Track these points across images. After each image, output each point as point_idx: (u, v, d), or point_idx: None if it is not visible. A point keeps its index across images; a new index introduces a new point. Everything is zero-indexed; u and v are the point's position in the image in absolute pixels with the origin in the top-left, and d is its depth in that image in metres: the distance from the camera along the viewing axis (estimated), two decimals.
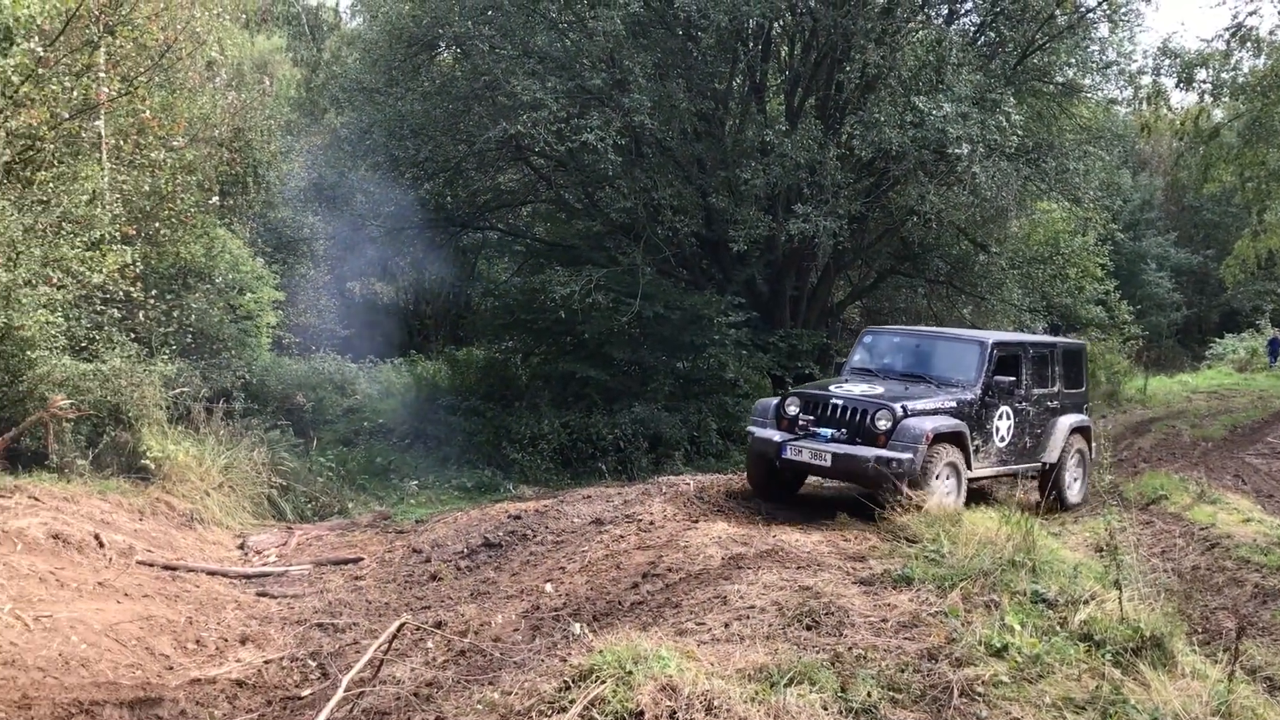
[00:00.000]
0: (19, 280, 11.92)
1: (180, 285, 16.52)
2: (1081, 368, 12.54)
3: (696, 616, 7.26)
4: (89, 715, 6.96)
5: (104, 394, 12.88)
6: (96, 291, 13.57)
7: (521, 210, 23.64)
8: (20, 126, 13.51)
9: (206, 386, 15.46)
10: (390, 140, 19.37)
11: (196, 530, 12.47)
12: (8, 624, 8.07)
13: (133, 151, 15.47)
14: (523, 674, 6.35)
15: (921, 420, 10.10)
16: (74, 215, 13.28)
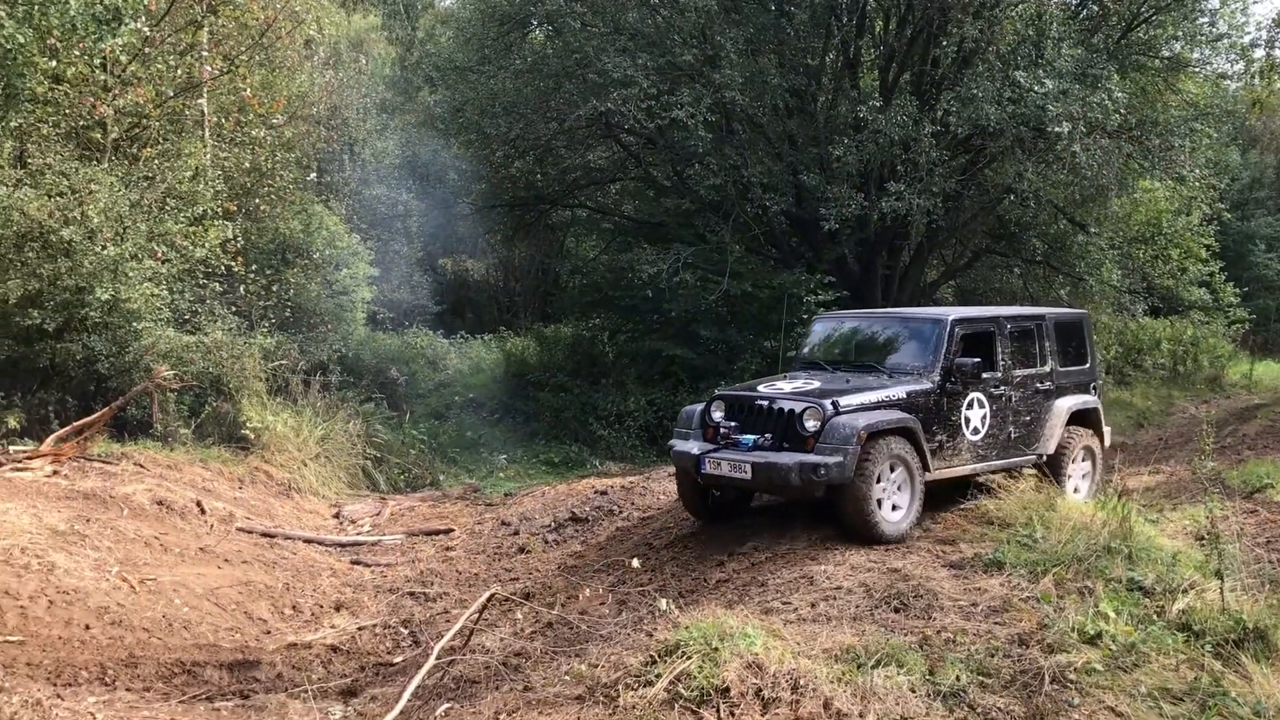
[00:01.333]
0: (126, 254, 12.33)
1: (279, 260, 16.92)
2: (1084, 340, 10.64)
3: (783, 596, 7.24)
4: (190, 675, 7.21)
5: (206, 365, 13.28)
6: (199, 266, 13.97)
7: (610, 188, 23.67)
8: (128, 104, 13.96)
9: (304, 359, 15.82)
10: (482, 118, 19.53)
11: (294, 499, 12.80)
12: (115, 586, 8.39)
13: (234, 129, 15.88)
14: (609, 647, 6.41)
15: (855, 417, 8.44)
16: (178, 191, 13.69)
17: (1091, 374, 10.68)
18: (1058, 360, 10.13)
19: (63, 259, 12.06)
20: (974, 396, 9.33)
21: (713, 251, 18.88)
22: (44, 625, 7.39)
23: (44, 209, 11.98)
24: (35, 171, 12.58)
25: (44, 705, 6.20)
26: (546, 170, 21.25)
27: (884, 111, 16.97)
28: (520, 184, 21.42)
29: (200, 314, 14.36)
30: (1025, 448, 9.82)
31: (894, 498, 8.55)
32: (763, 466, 8.52)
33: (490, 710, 5.64)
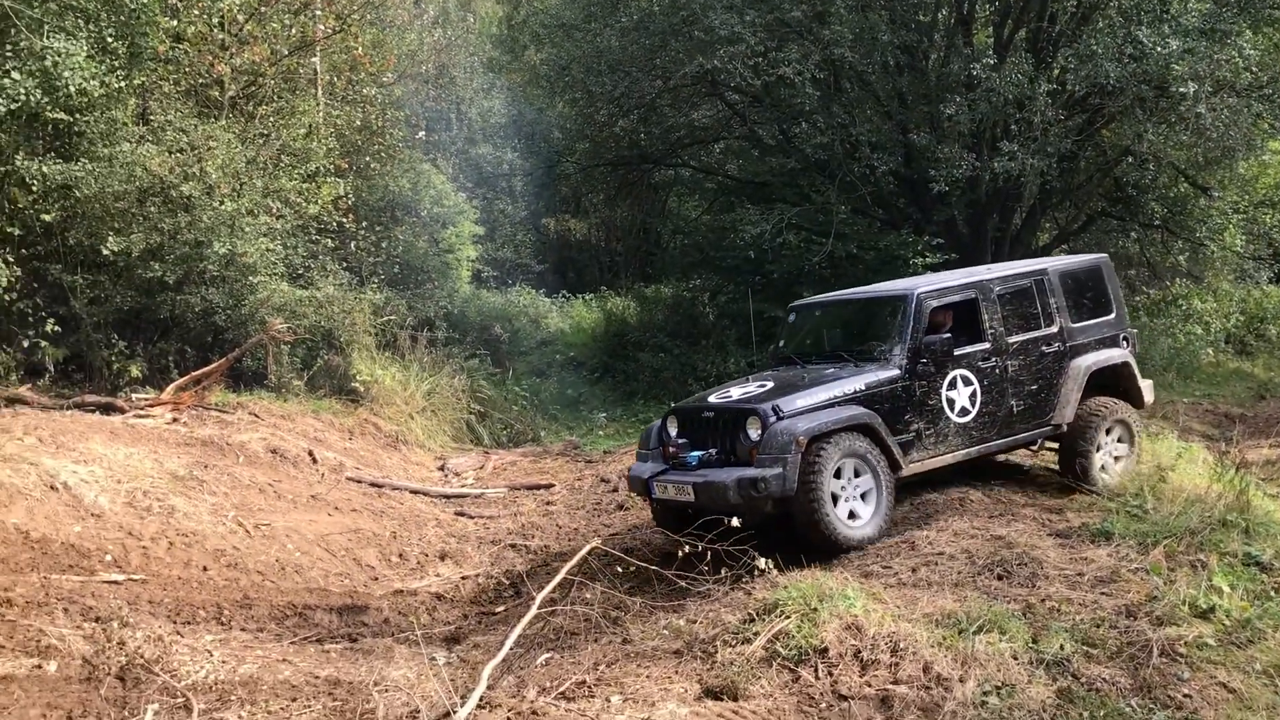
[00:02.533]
0: (243, 209, 12.69)
1: (388, 218, 17.25)
2: (1105, 289, 9.42)
3: (883, 560, 7.20)
4: (301, 617, 7.47)
5: (318, 319, 13.63)
6: (312, 222, 14.32)
7: (714, 147, 23.49)
8: (244, 63, 14.32)
9: (411, 315, 16.14)
10: (588, 76, 19.54)
11: (400, 451, 13.11)
12: (231, 530, 8.72)
13: (345, 87, 16.18)
14: (707, 604, 6.46)
15: (795, 422, 7.54)
16: (292, 148, 14.02)
17: (1119, 324, 9.44)
18: (1069, 316, 9.02)
19: (182, 213, 12.46)
20: (956, 374, 8.34)
21: (817, 212, 18.64)
22: (164, 565, 7.73)
23: (165, 165, 12.38)
24: (157, 128, 13.00)
25: (165, 641, 6.51)
26: (650, 129, 21.18)
27: (998, 69, 16.48)
28: (624, 143, 21.40)
29: (313, 269, 14.72)
30: (1035, 420, 8.79)
31: (854, 503, 7.69)
32: (703, 486, 7.63)
33: (589, 661, 5.74)
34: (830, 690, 5.03)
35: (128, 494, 8.63)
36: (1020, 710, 4.86)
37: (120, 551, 7.62)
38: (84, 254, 12.60)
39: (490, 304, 21.17)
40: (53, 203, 12.26)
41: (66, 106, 11.82)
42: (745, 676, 5.09)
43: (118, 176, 12.11)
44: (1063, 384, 8.88)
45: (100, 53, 11.97)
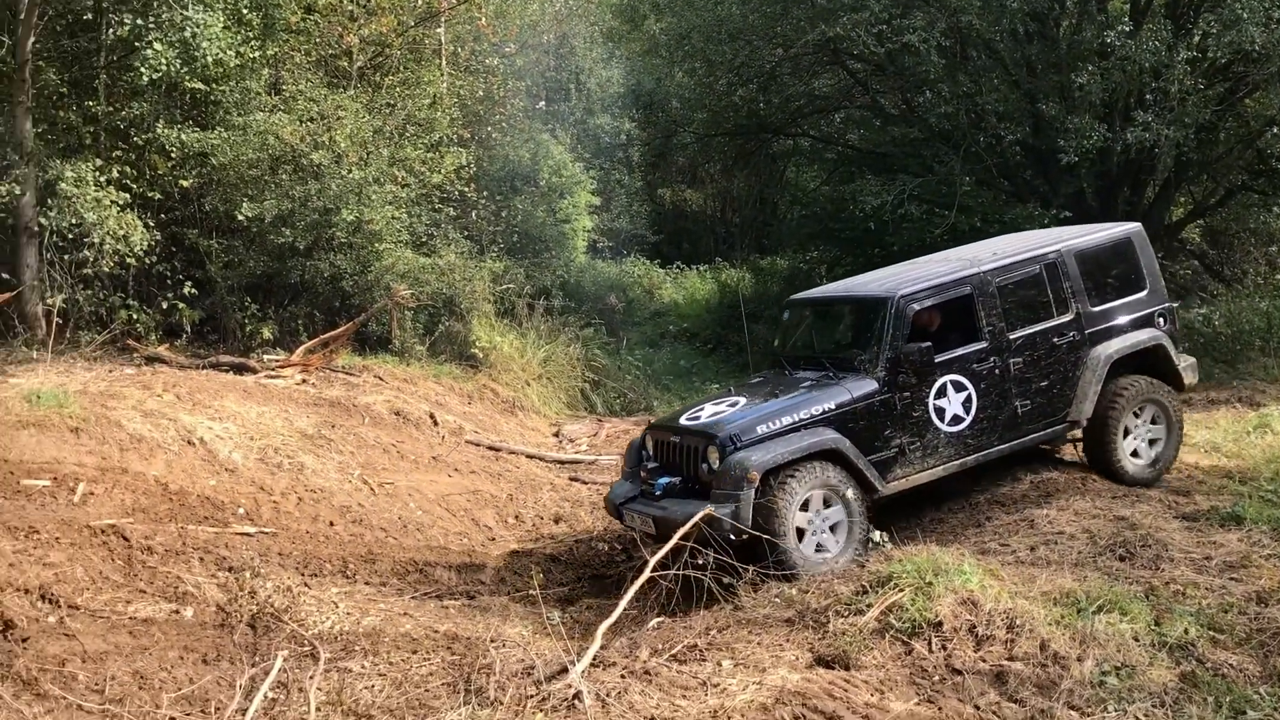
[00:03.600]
0: (369, 178, 13.03)
1: (508, 187, 17.50)
2: (1136, 263, 8.49)
3: (1000, 538, 7.09)
4: (422, 574, 7.70)
5: (440, 286, 13.94)
6: (435, 191, 14.62)
7: (834, 116, 23.14)
8: (372, 33, 14.65)
9: (529, 284, 16.39)
10: (707, 45, 19.43)
11: (517, 416, 13.36)
12: (356, 487, 9.03)
13: (468, 57, 16.44)
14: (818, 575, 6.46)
15: (751, 453, 6.97)
16: (417, 118, 14.32)
17: (1153, 300, 8.49)
18: (1087, 300, 8.18)
19: (312, 181, 12.84)
20: (946, 381, 7.65)
21: (940, 183, 18.25)
22: (293, 520, 8.05)
23: (296, 133, 12.77)
24: (288, 98, 13.41)
25: (293, 592, 6.79)
26: (770, 98, 20.96)
27: (1134, 36, 15.85)
28: (742, 112, 21.24)
29: (435, 237, 15.04)
30: (1047, 419, 8.07)
31: (823, 535, 7.03)
32: (661, 520, 7.16)
33: (701, 625, 5.80)
34: (943, 664, 4.99)
35: (259, 451, 9.00)
36: (1140, 692, 4.75)
37: (252, 505, 7.95)
38: (219, 219, 13.10)
39: (605, 274, 21.34)
40: (190, 169, 12.78)
41: (204, 76, 12.27)
42: (857, 647, 5.09)
43: (251, 144, 12.55)
44: (1080, 376, 8.09)
45: (236, 24, 12.37)
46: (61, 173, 11.58)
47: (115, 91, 12.84)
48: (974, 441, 7.77)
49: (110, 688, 5.22)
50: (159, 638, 5.86)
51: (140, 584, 6.35)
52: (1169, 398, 8.39)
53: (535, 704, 4.64)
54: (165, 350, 12.05)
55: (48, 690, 5.02)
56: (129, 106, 12.77)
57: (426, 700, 5.32)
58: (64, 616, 5.73)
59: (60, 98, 12.79)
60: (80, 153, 12.33)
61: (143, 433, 8.50)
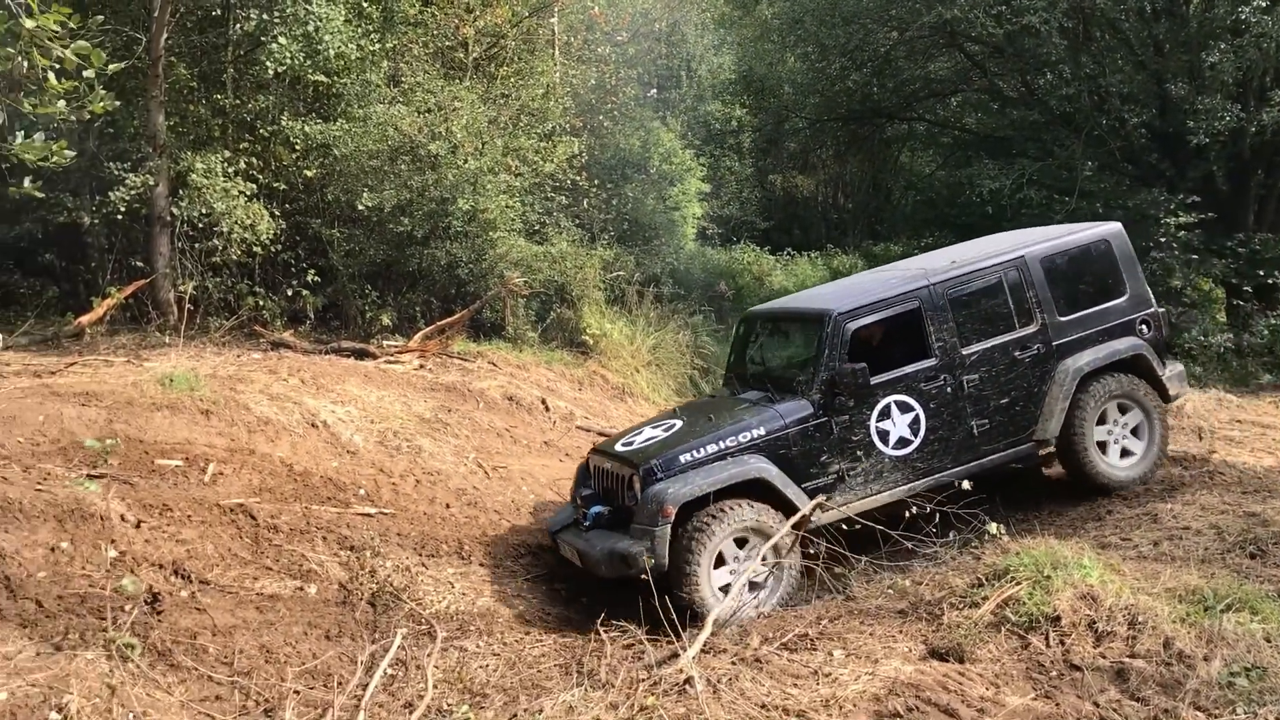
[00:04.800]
0: (484, 168, 13.24)
1: (619, 175, 17.58)
2: (1115, 268, 7.87)
3: (1121, 532, 6.90)
4: (534, 556, 7.83)
5: (552, 274, 14.10)
6: (548, 179, 14.78)
7: (950, 100, 22.69)
8: (487, 25, 14.87)
9: (639, 271, 16.46)
10: (821, 29, 19.24)
11: (626, 403, 13.45)
12: (472, 470, 9.21)
13: (581, 47, 16.55)
14: (934, 566, 6.38)
15: (669, 485, 6.59)
16: (530, 108, 14.50)
17: (1134, 307, 7.88)
18: (1055, 309, 7.62)
19: (429, 171, 13.11)
20: (890, 402, 7.17)
21: (1060, 168, 17.76)
22: (411, 501, 8.24)
23: (414, 124, 13.05)
24: (407, 90, 13.70)
25: (411, 571, 6.97)
26: (884, 82, 20.66)
27: (1270, 11, 15.16)
28: (855, 97, 20.98)
29: (547, 225, 15.22)
30: (1010, 439, 7.50)
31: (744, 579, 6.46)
32: (584, 554, 6.86)
33: (813, 615, 5.79)
34: (1061, 659, 4.90)
35: (379, 434, 9.24)
36: (1272, 695, 4.59)
37: (372, 486, 8.18)
38: (340, 209, 13.47)
39: (714, 261, 21.29)
40: (313, 160, 13.17)
41: (325, 69, 12.62)
42: (972, 640, 5.02)
43: (371, 136, 12.87)
44: (1046, 391, 7.55)
45: (356, 17, 12.70)
46: (192, 164, 12.04)
47: (242, 85, 13.29)
48: (923, 465, 7.27)
49: (238, 660, 5.44)
50: (284, 614, 6.08)
51: (267, 561, 6.59)
52: (1144, 392, 7.79)
53: (646, 688, 4.69)
54: (290, 336, 12.46)
55: (180, 661, 5.25)
56: (255, 99, 13.22)
57: (539, 680, 5.42)
58: (195, 591, 5.98)
59: (190, 92, 13.30)
60: (210, 145, 12.81)
61: (269, 415, 8.81)
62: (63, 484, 6.43)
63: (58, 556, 5.73)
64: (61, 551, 5.78)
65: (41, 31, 3.43)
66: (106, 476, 6.78)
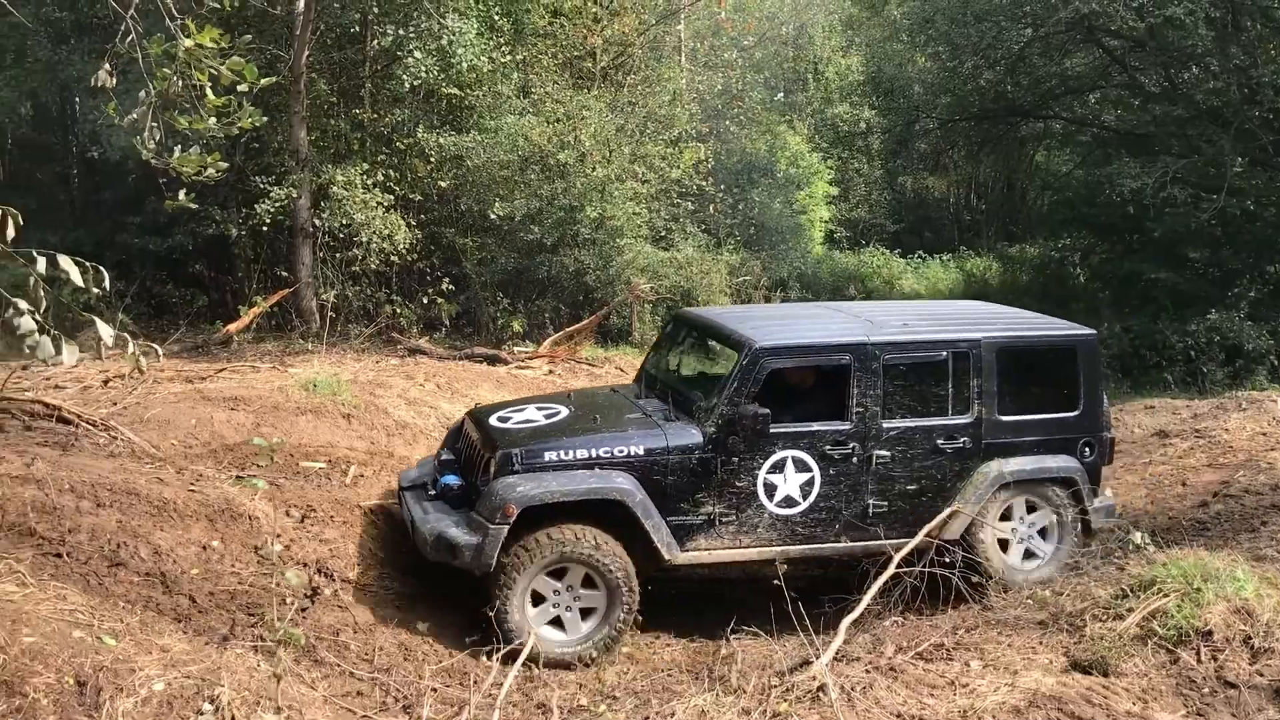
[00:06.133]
0: (612, 175, 13.38)
1: (745, 180, 17.55)
2: (1074, 376, 6.98)
3: (1278, 544, 6.57)
4: None
5: (678, 279, 14.17)
6: (674, 185, 14.84)
7: (1088, 96, 21.98)
8: (614, 34, 15.02)
9: (765, 276, 16.40)
10: (952, 28, 18.87)
11: None
12: None
13: (707, 52, 16.58)
14: (1075, 576, 6.18)
15: (522, 481, 5.97)
16: (657, 115, 14.59)
17: (1085, 425, 6.98)
18: (996, 405, 6.73)
19: (559, 180, 13.32)
20: (787, 456, 6.41)
21: (1207, 164, 17.02)
22: None
23: (544, 134, 13.27)
24: (537, 100, 13.94)
25: None
26: (1018, 80, 20.13)
27: None
28: (988, 96, 20.50)
29: (673, 231, 15.29)
30: (907, 527, 6.55)
31: (567, 611, 5.99)
32: (415, 524, 6.27)
33: (948, 624, 5.67)
34: (1214, 675, 4.68)
35: None
36: None
37: None
38: (473, 218, 13.80)
39: (843, 265, 21.08)
40: (447, 171, 13.52)
41: (458, 82, 12.95)
42: (1117, 653, 4.84)
43: (502, 146, 13.14)
44: (959, 490, 6.67)
45: (489, 30, 12.99)
46: (333, 177, 12.48)
47: (379, 99, 13.73)
48: (805, 531, 6.52)
49: (378, 657, 5.60)
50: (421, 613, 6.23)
51: (405, 562, 6.76)
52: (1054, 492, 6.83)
53: (779, 694, 4.65)
54: (425, 342, 12.79)
55: (324, 657, 5.42)
56: (392, 113, 13.64)
57: (669, 684, 5.44)
58: (337, 589, 6.17)
59: (330, 107, 13.79)
60: (349, 158, 13.26)
61: (406, 419, 9.04)
62: (213, 485, 6.72)
63: (209, 554, 5.99)
64: (212, 550, 6.04)
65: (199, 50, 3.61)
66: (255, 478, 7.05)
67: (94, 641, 4.46)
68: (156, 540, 5.85)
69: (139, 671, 4.30)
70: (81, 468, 6.32)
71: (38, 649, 4.22)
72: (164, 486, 6.42)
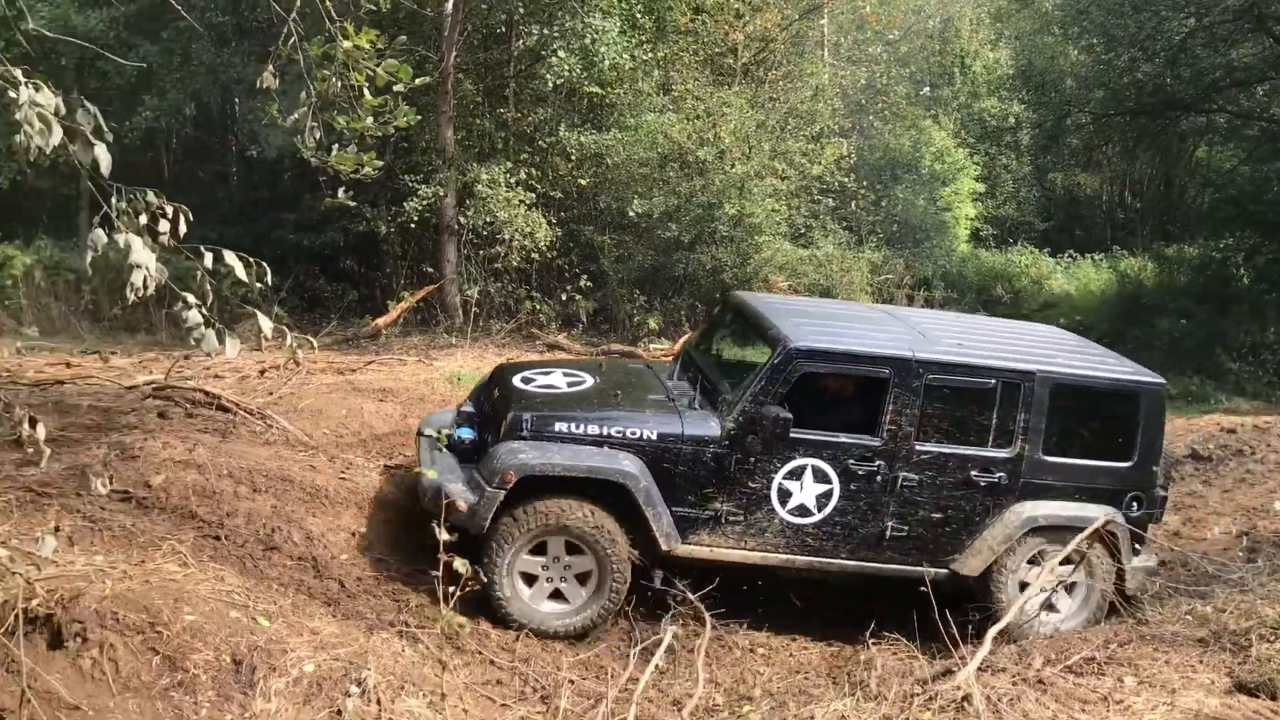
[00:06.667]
0: (751, 172, 13.30)
1: (888, 176, 17.25)
2: (1133, 425, 6.38)
3: None
4: None
5: (817, 277, 14.01)
6: (814, 182, 14.68)
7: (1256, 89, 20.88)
8: (756, 30, 14.92)
9: (908, 274, 16.10)
10: (1108, 19, 18.17)
11: None
12: None
13: (850, 47, 16.33)
14: (1238, 594, 5.87)
15: (526, 447, 5.85)
16: (798, 111, 14.45)
17: (1137, 478, 6.39)
18: (1040, 443, 6.25)
19: (697, 177, 13.31)
20: (807, 464, 6.12)
21: None
22: None
23: (684, 131, 13.28)
24: (677, 97, 13.95)
25: None
26: (1179, 72, 19.25)
27: None
28: (1146, 89, 19.65)
29: (813, 228, 15.13)
30: (923, 555, 6.26)
31: (563, 582, 5.95)
32: (422, 469, 6.13)
33: (1099, 638, 5.45)
34: None
35: None
36: None
37: None
38: (611, 216, 13.90)
39: (989, 264, 20.50)
40: (587, 169, 13.65)
41: (600, 81, 13.05)
42: None
43: (642, 144, 13.20)
44: (986, 526, 6.26)
45: (631, 29, 13.05)
46: (477, 175, 12.74)
47: (522, 99, 13.94)
48: (815, 544, 6.23)
49: (518, 648, 5.68)
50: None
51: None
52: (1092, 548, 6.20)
53: (922, 702, 4.54)
54: (563, 338, 12.94)
55: (465, 645, 5.53)
56: (534, 113, 13.84)
57: (807, 688, 5.37)
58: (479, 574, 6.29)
59: (475, 106, 14.08)
60: (493, 157, 13.51)
61: None
62: (363, 473, 6.93)
63: (357, 540, 6.18)
64: (360, 535, 6.23)
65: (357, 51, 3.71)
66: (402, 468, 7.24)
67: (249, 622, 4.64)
68: (309, 525, 6.06)
69: (290, 652, 4.45)
70: (239, 454, 6.59)
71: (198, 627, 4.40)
72: (316, 474, 6.65)
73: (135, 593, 4.52)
